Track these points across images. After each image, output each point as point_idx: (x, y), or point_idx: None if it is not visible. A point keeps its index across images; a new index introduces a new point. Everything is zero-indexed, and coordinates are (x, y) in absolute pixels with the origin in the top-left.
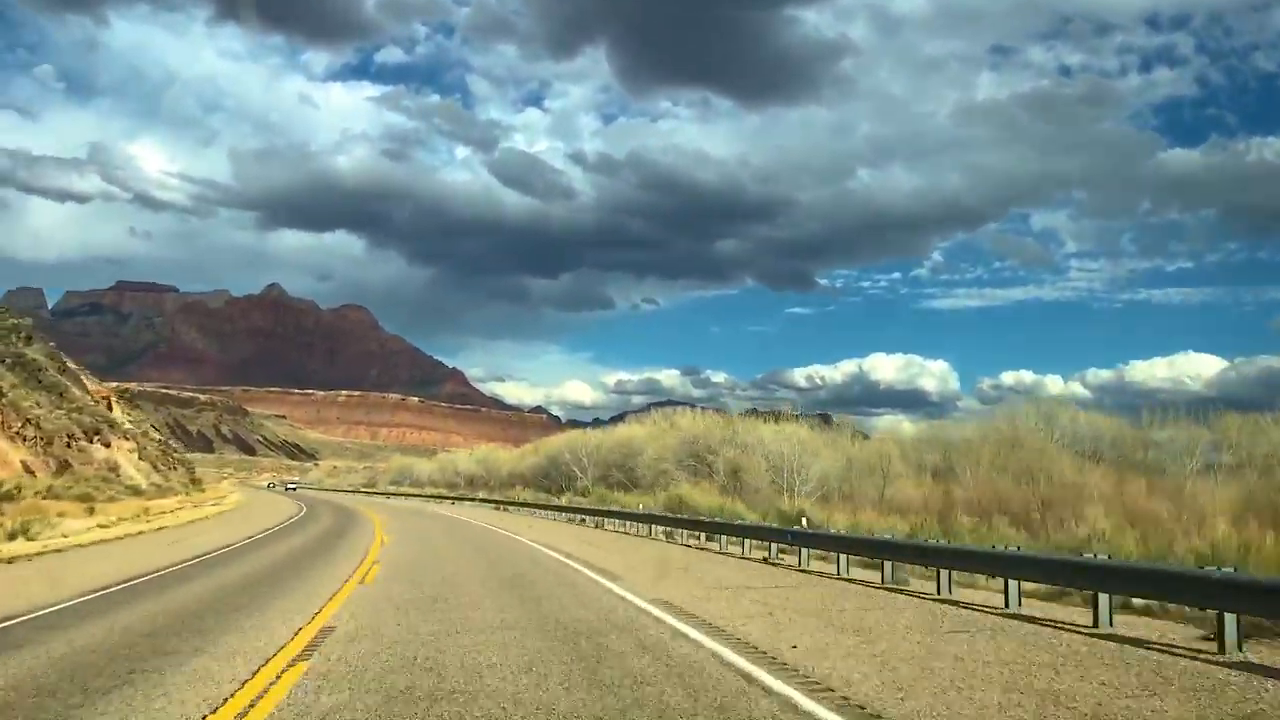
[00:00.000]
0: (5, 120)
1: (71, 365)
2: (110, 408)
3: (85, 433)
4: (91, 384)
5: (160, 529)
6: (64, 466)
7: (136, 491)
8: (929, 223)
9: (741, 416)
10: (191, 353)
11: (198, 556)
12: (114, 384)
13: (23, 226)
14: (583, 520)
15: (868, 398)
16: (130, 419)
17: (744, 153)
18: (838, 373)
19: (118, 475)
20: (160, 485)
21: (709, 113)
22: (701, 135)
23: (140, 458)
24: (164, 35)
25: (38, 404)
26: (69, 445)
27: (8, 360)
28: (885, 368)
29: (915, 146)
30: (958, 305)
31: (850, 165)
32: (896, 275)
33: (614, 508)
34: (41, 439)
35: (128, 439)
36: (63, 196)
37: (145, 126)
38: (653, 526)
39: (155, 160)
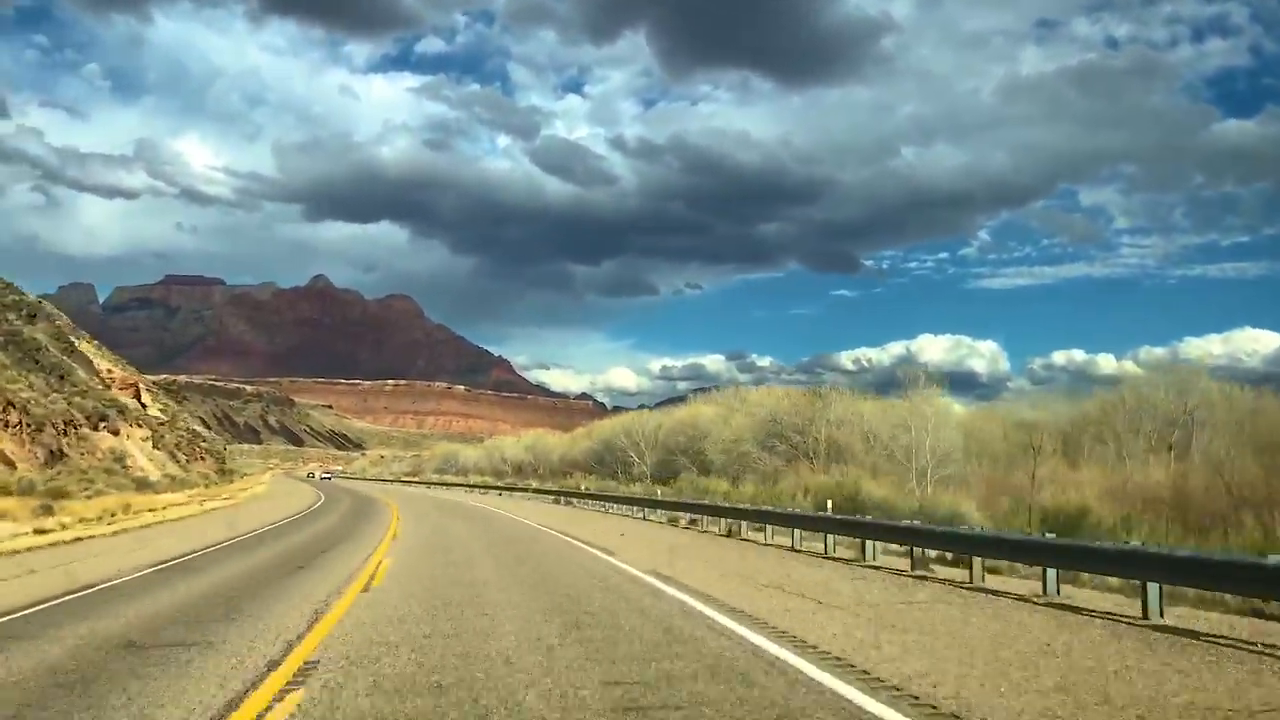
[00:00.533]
0: (54, 119)
1: (82, 347)
2: (138, 395)
3: (88, 419)
4: (120, 371)
5: (117, 532)
6: (56, 456)
7: (143, 484)
8: (975, 201)
9: (831, 390)
10: (240, 345)
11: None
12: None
13: (73, 223)
14: (693, 521)
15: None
16: (162, 408)
17: (786, 134)
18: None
19: (124, 466)
20: (176, 477)
21: (750, 94)
22: (742, 117)
23: (157, 447)
24: (207, 31)
25: (30, 386)
26: (64, 433)
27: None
28: (933, 349)
29: (959, 124)
30: (1006, 284)
31: (893, 144)
32: (943, 255)
33: (729, 504)
34: (29, 425)
35: (141, 427)
36: (111, 193)
37: (190, 122)
38: (829, 537)
39: (201, 155)
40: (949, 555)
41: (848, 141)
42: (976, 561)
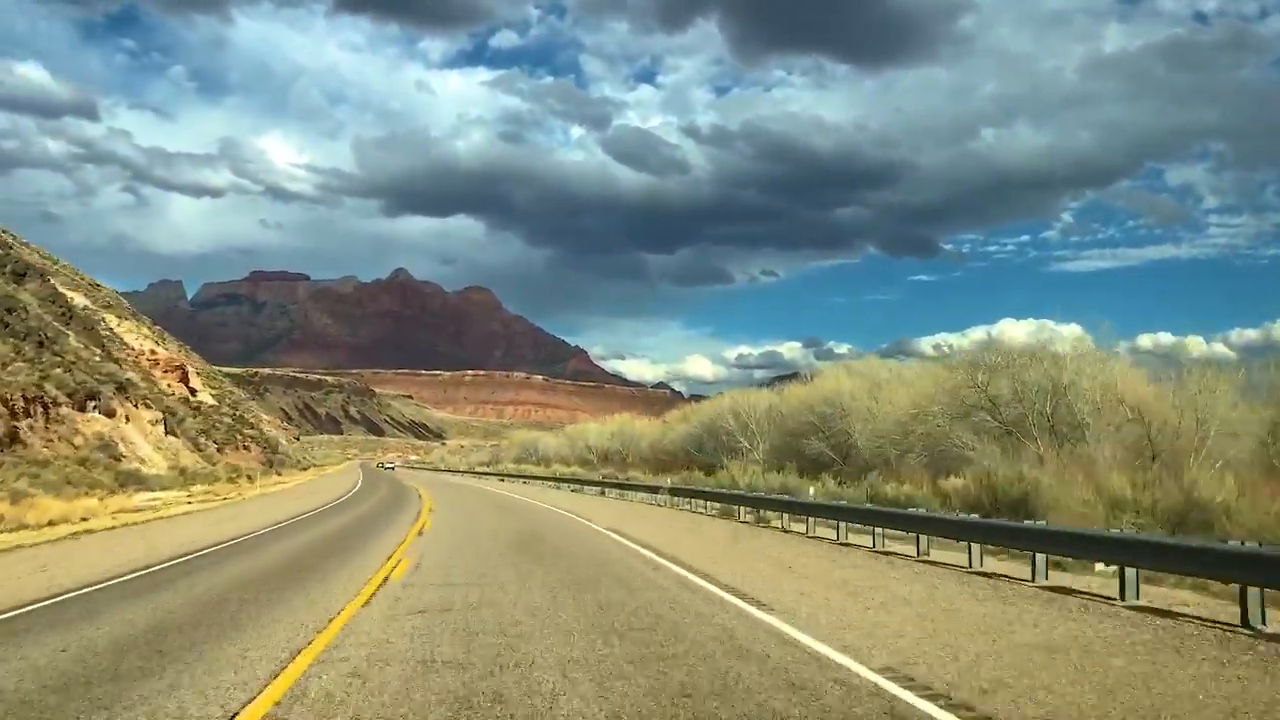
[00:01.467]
0: (142, 120)
1: (114, 322)
2: (186, 379)
3: (71, 396)
4: (165, 352)
5: None
6: (9, 439)
7: (133, 479)
8: (1057, 182)
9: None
10: (323, 338)
11: None
12: (242, 369)
13: (162, 221)
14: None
15: None
16: (216, 394)
17: (861, 117)
18: (966, 341)
19: (114, 456)
20: (190, 470)
21: (824, 78)
22: (816, 102)
23: (173, 433)
24: (287, 31)
25: None
26: (28, 412)
27: None
28: (1015, 334)
29: (1041, 104)
30: (1089, 267)
31: (972, 126)
32: (1024, 238)
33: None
34: None
35: (150, 408)
36: (198, 191)
37: (273, 120)
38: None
39: (283, 153)
40: None
41: (925, 124)
42: None
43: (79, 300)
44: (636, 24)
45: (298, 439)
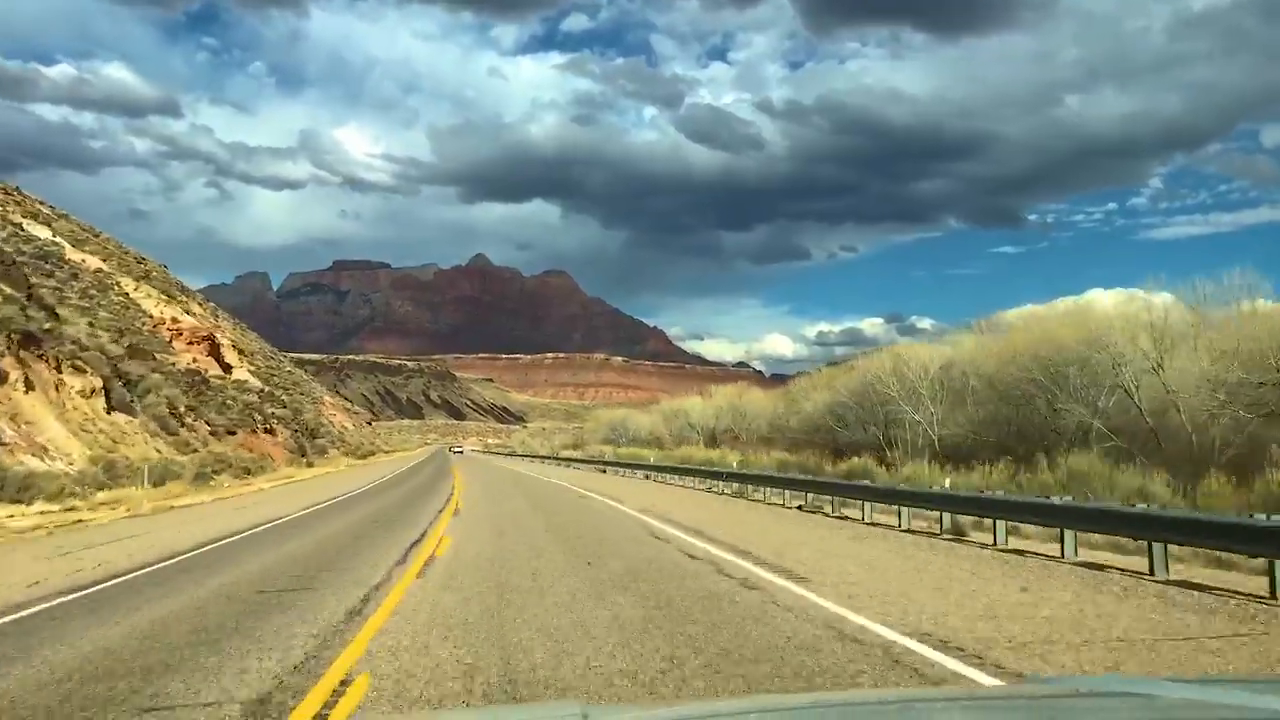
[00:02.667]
0: (223, 115)
1: (128, 286)
2: (216, 353)
3: None
4: (194, 320)
5: None
6: None
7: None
8: (1146, 147)
9: None
10: (405, 324)
11: None
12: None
13: (245, 215)
14: None
15: None
16: (253, 369)
17: (939, 87)
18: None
19: (9, 444)
20: (123, 464)
21: (900, 49)
22: (893, 73)
23: (121, 408)
24: (361, 23)
25: None
26: None
27: None
28: (1104, 304)
29: (1126, 67)
30: (1180, 234)
31: (1056, 92)
32: (1111, 206)
33: None
34: None
35: (86, 373)
36: (279, 184)
37: (350, 112)
38: None
39: (360, 144)
40: None
41: (1007, 92)
42: None
43: (92, 263)
44: (707, 0)
45: (370, 424)
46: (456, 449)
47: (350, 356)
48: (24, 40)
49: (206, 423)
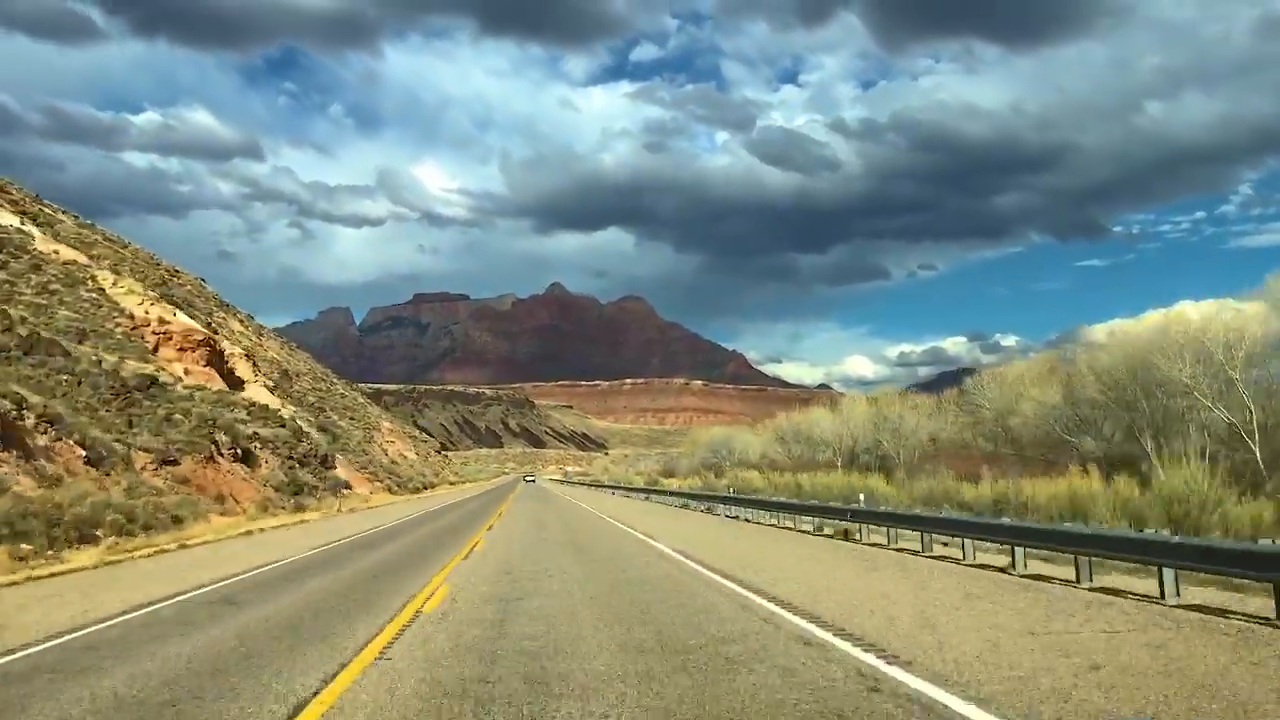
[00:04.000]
0: (303, 157)
1: (100, 275)
2: (219, 362)
3: None
4: (183, 323)
5: None
6: None
7: None
8: (1234, 152)
9: None
10: (484, 354)
11: None
12: (401, 386)
13: (327, 253)
14: None
15: None
16: (282, 389)
17: (1016, 100)
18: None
19: None
20: None
21: (974, 62)
22: (968, 87)
23: None
24: (436, 61)
25: None
26: None
27: None
28: (1194, 316)
29: (1210, 71)
30: (1274, 241)
31: (1136, 100)
32: (1199, 214)
33: None
34: None
35: None
36: (358, 222)
37: (425, 149)
38: None
39: (437, 179)
40: None
41: (1085, 102)
42: None
43: (65, 253)
44: (775, 22)
45: (440, 453)
46: (529, 478)
47: (427, 386)
48: (113, 92)
49: (139, 446)
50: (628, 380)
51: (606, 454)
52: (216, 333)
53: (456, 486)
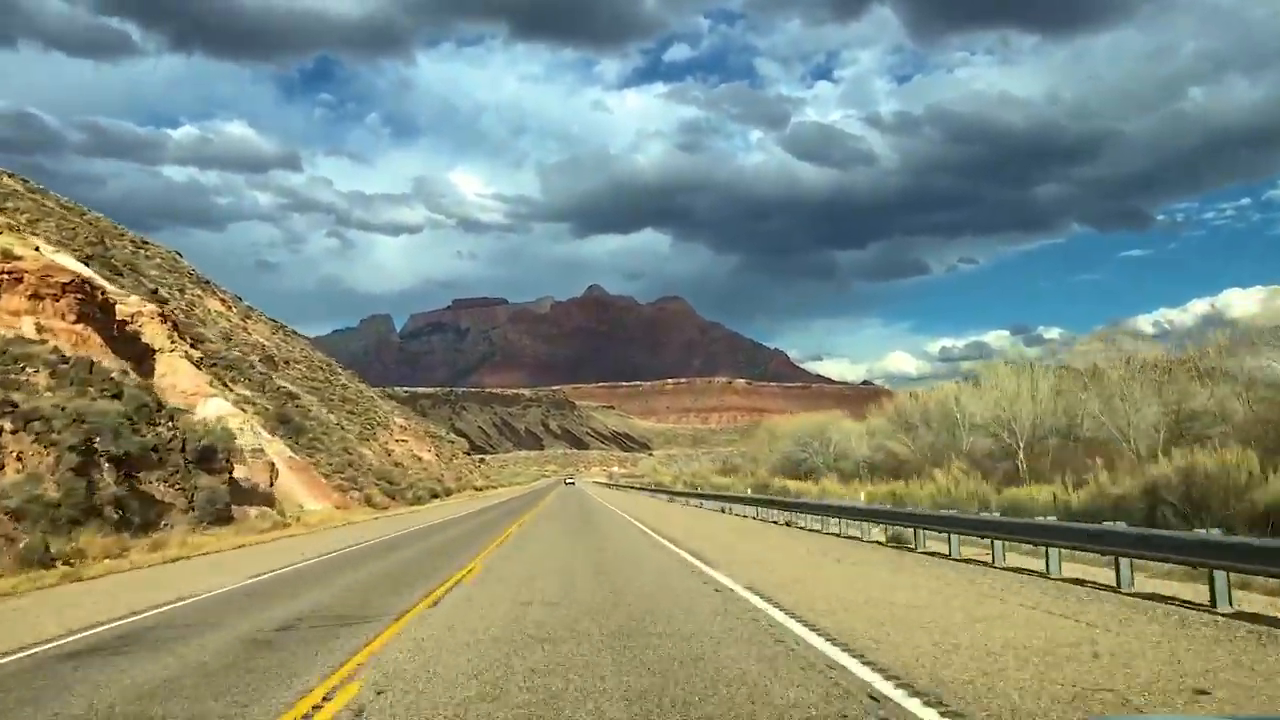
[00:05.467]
0: (340, 166)
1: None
2: (99, 313)
3: None
4: (43, 259)
5: None
6: None
7: None
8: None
9: None
10: (524, 358)
11: None
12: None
13: (367, 262)
14: None
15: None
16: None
17: (1054, 88)
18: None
19: None
20: None
21: (1010, 53)
22: (1004, 77)
23: None
24: (469, 68)
25: None
26: None
27: None
28: (1244, 304)
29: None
30: None
31: (1178, 86)
32: (1244, 201)
33: None
34: None
35: None
36: (396, 230)
37: (461, 156)
38: None
39: (472, 185)
40: None
41: (1125, 89)
42: None
43: None
44: (808, 18)
45: (469, 454)
46: (569, 480)
47: (465, 389)
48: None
49: None
50: (669, 380)
51: (650, 454)
52: (158, 295)
53: (484, 493)
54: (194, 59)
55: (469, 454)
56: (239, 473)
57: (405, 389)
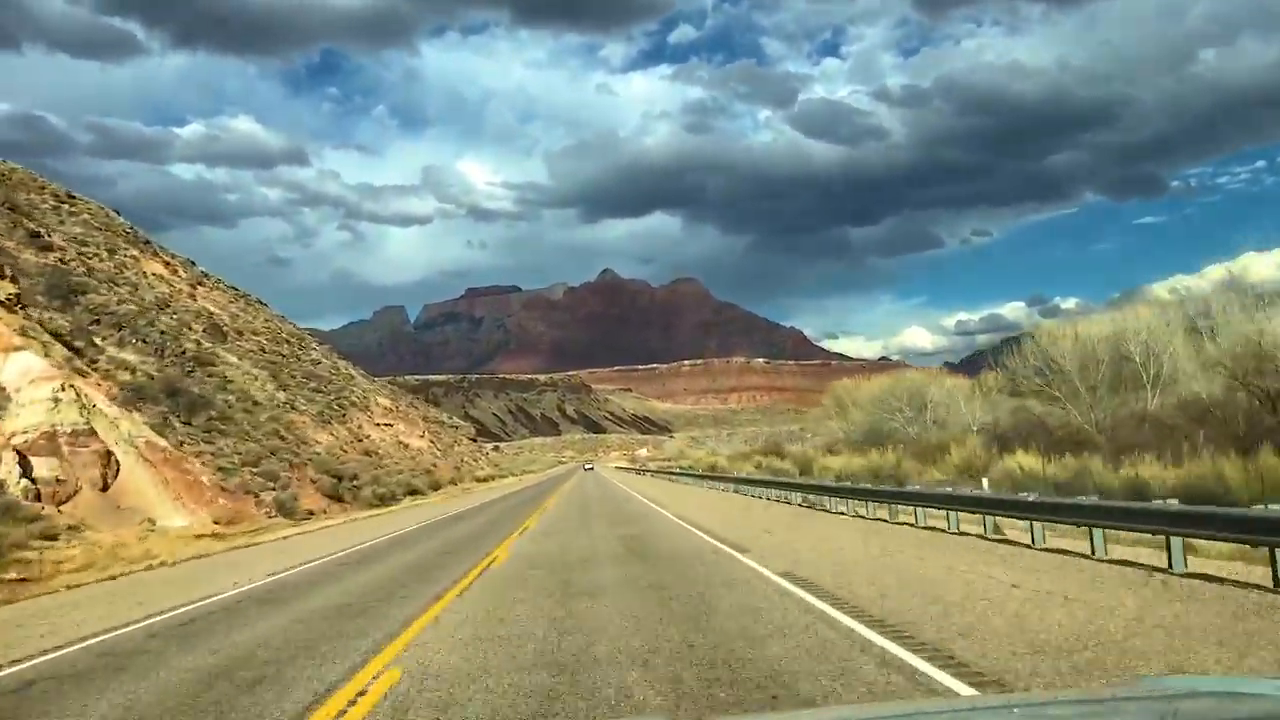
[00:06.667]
0: (348, 159)
1: None
2: None
3: None
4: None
5: None
6: None
7: None
8: None
9: None
10: (539, 344)
11: None
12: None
13: (379, 254)
14: None
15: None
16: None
17: (1064, 56)
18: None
19: None
20: None
21: (1018, 21)
22: (1013, 47)
23: None
24: (473, 56)
25: None
26: None
27: None
28: (1261, 267)
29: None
30: None
31: (1189, 48)
32: (1260, 164)
33: None
34: None
35: None
36: (406, 221)
37: (469, 145)
38: None
39: (480, 174)
40: None
41: (1136, 53)
42: None
43: None
44: None
45: (475, 440)
46: (588, 466)
47: (478, 375)
48: (158, 105)
49: None
50: (685, 362)
51: (671, 437)
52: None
53: (484, 486)
54: (198, 56)
55: (475, 440)
56: (42, 469)
57: (416, 377)
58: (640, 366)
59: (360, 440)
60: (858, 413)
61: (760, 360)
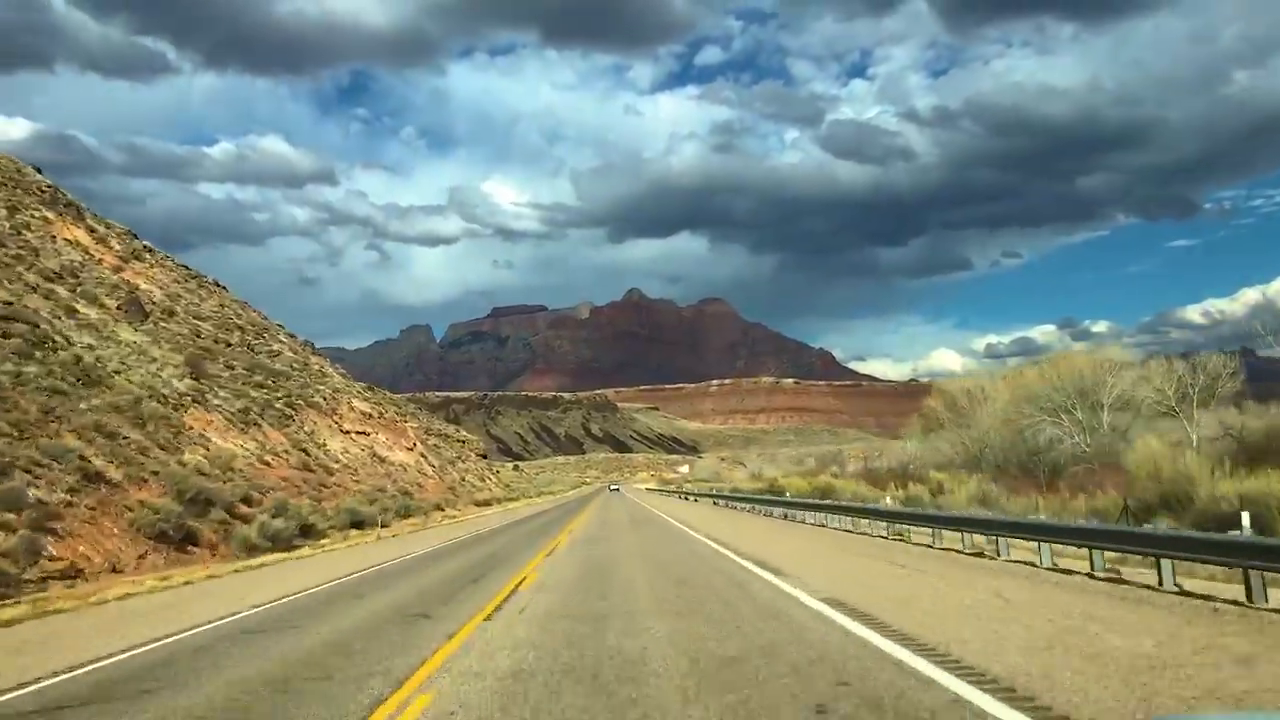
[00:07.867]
0: (375, 179)
1: None
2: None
3: None
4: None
5: None
6: None
7: None
8: None
9: None
10: (565, 363)
11: None
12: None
13: (406, 274)
14: None
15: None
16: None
17: (1094, 77)
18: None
19: None
20: None
21: (1048, 42)
22: (1043, 67)
23: None
24: (501, 78)
25: None
26: None
27: None
28: None
29: None
30: None
31: (1222, 70)
32: None
33: None
34: None
35: None
36: (434, 241)
37: (494, 165)
38: None
39: (507, 194)
40: None
41: (1168, 75)
42: None
43: None
44: (840, 14)
45: (484, 458)
46: (614, 487)
47: (501, 393)
48: (188, 124)
49: None
50: (713, 382)
51: (700, 456)
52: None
53: (482, 511)
54: (228, 76)
55: (484, 457)
56: None
57: (438, 394)
58: (667, 386)
59: (302, 450)
60: (989, 418)
61: (790, 381)
